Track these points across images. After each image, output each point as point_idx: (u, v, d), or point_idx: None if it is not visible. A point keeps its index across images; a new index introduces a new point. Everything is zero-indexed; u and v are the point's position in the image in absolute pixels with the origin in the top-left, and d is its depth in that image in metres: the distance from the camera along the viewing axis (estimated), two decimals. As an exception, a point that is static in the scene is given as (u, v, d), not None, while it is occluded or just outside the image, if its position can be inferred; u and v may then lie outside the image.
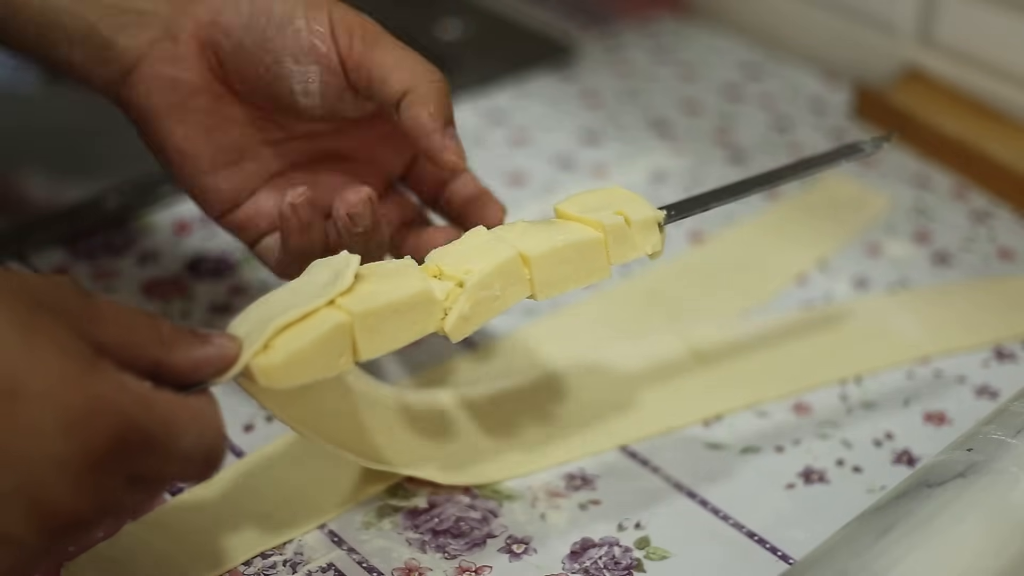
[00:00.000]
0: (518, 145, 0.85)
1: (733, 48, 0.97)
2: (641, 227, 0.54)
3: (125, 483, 0.43)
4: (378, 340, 0.49)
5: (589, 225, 0.53)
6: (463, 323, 0.50)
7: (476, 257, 0.51)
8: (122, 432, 0.42)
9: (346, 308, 0.48)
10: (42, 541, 0.42)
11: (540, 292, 0.52)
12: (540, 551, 0.55)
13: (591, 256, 0.53)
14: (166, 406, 0.43)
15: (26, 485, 0.40)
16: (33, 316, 0.41)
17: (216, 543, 0.55)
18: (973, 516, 0.49)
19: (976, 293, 0.72)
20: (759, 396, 0.64)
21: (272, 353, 0.46)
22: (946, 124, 0.83)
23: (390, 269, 0.50)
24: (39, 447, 0.40)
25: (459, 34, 0.95)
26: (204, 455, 0.45)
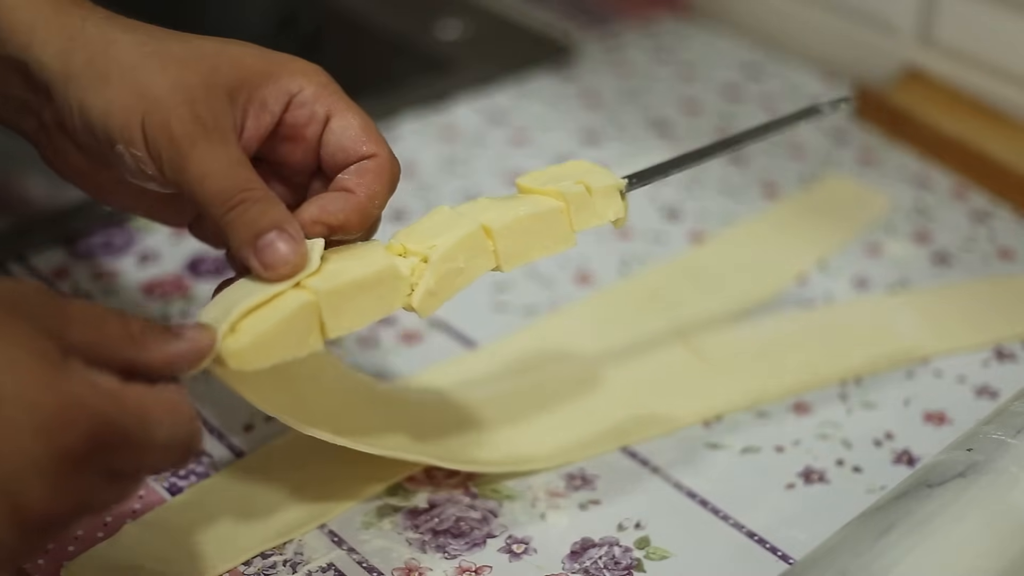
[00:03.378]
0: (518, 145, 0.85)
1: (733, 48, 0.97)
2: (602, 194, 0.54)
3: (103, 479, 0.43)
4: (345, 318, 0.49)
5: (550, 196, 0.54)
6: (430, 297, 0.51)
7: (439, 232, 0.51)
8: (96, 430, 0.42)
9: (311, 287, 0.48)
10: (20, 540, 0.42)
11: (505, 263, 0.52)
12: (540, 551, 0.55)
13: (554, 225, 0.53)
14: (138, 400, 0.43)
15: (2, 488, 0.40)
16: (1, 319, 0.41)
17: (216, 543, 0.55)
18: (973, 516, 0.49)
19: (976, 293, 0.72)
20: (759, 396, 0.64)
21: (239, 335, 0.47)
22: (946, 124, 0.83)
23: (355, 250, 0.51)
24: (13, 450, 0.40)
25: (459, 34, 0.95)
26: (181, 444, 0.45)
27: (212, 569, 0.53)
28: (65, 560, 0.53)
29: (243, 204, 0.49)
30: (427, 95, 0.88)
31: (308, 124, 0.53)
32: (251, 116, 0.52)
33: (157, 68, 0.51)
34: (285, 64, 0.53)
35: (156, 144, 0.49)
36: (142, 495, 0.57)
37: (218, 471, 0.58)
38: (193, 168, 0.49)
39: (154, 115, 0.49)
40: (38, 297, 0.43)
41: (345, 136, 0.53)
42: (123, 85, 0.50)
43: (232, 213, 0.49)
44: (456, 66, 0.92)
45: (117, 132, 0.50)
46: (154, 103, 0.50)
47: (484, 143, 0.85)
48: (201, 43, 0.52)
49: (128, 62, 0.50)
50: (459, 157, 0.83)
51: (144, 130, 0.49)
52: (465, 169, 0.82)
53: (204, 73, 0.51)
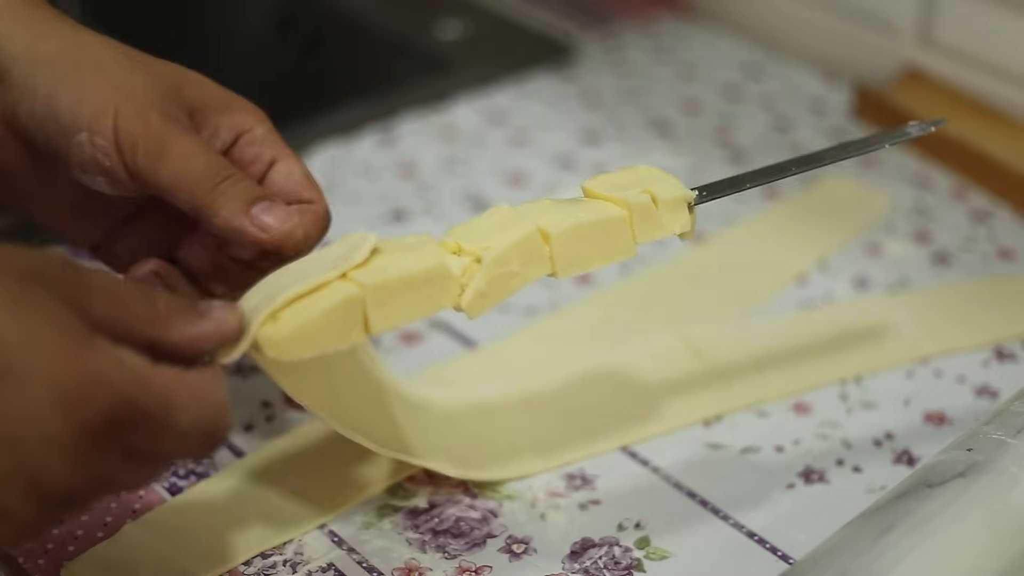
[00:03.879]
0: (518, 145, 0.85)
1: (733, 48, 0.97)
2: (669, 206, 0.53)
3: (122, 458, 0.43)
4: (390, 314, 0.48)
5: (614, 203, 0.52)
6: (480, 299, 0.50)
7: (496, 233, 0.50)
8: (117, 409, 0.41)
9: (357, 280, 0.47)
10: (38, 514, 0.41)
11: (561, 270, 0.51)
12: (540, 551, 0.55)
13: (614, 234, 0.52)
14: (164, 383, 0.43)
15: (22, 463, 0.40)
16: (24, 290, 0.41)
17: (216, 543, 0.55)
18: (973, 516, 0.49)
19: (976, 293, 0.72)
20: (759, 396, 0.64)
21: (280, 324, 0.46)
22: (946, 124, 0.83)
23: (409, 243, 0.50)
24: (33, 426, 0.40)
25: (459, 34, 0.95)
26: (205, 432, 0.44)
27: (212, 569, 0.54)
28: (65, 560, 0.53)
29: (231, 179, 0.50)
30: (427, 95, 0.88)
31: (253, 163, 0.54)
32: (203, 138, 0.53)
33: (129, 68, 0.52)
34: (239, 101, 0.55)
35: (130, 132, 0.50)
36: (142, 495, 0.57)
37: (218, 471, 0.58)
38: (175, 153, 0.50)
39: (130, 105, 0.51)
40: (63, 269, 0.43)
41: (289, 180, 0.54)
42: (97, 76, 0.51)
43: (221, 187, 0.50)
44: (456, 66, 0.92)
45: (86, 120, 0.50)
46: (129, 95, 0.51)
47: (484, 143, 0.85)
48: (164, 62, 0.54)
49: (101, 57, 0.52)
50: (459, 157, 0.83)
51: (116, 120, 0.50)
52: (465, 169, 0.82)
53: (170, 84, 0.53)
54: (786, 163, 0.56)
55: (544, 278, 0.66)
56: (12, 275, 0.41)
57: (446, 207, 0.77)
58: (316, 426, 0.61)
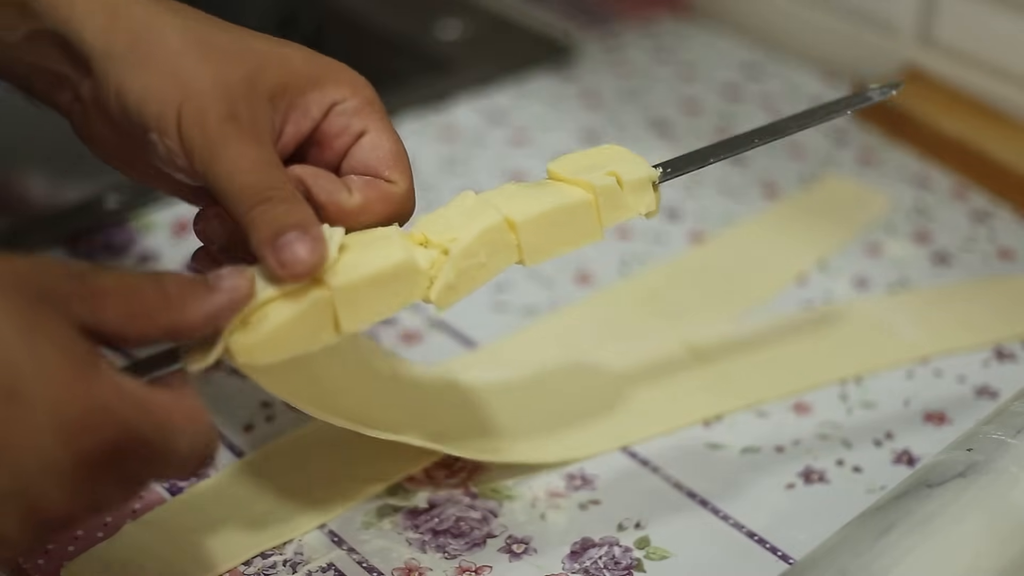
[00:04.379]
0: (518, 145, 0.85)
1: (733, 48, 0.97)
2: (634, 187, 0.52)
3: (117, 482, 0.43)
4: (361, 312, 0.48)
5: (579, 187, 0.52)
6: (449, 292, 0.49)
7: (462, 223, 0.50)
8: (119, 439, 0.41)
9: (326, 282, 0.47)
10: (31, 537, 0.41)
11: (529, 258, 0.51)
12: (540, 551, 0.55)
13: (581, 219, 0.51)
14: (163, 410, 0.43)
15: (20, 488, 0.40)
16: (35, 311, 0.41)
17: (216, 543, 0.55)
18: (973, 516, 0.49)
19: (976, 293, 0.72)
20: (760, 397, 0.64)
21: (251, 331, 0.46)
22: (946, 124, 0.83)
23: (374, 237, 0.49)
24: (35, 452, 0.40)
25: (459, 34, 0.95)
26: (199, 455, 0.45)
27: (212, 569, 0.54)
28: (65, 560, 0.53)
29: (268, 202, 0.48)
30: (427, 95, 0.88)
31: (340, 135, 0.52)
32: (291, 121, 0.51)
33: (200, 57, 0.49)
34: (333, 72, 0.52)
35: (189, 136, 0.48)
36: (142, 495, 0.57)
37: (218, 471, 0.58)
38: (222, 164, 0.48)
39: (191, 106, 0.49)
40: (66, 280, 0.42)
41: (373, 155, 0.52)
42: (163, 71, 0.49)
43: (256, 210, 0.48)
44: (456, 66, 0.92)
45: (152, 120, 0.49)
46: (193, 94, 0.49)
47: (484, 143, 0.85)
48: (250, 39, 0.51)
49: (171, 47, 0.49)
50: (459, 157, 0.83)
51: (179, 121, 0.49)
52: (465, 169, 0.82)
53: (248, 71, 0.50)
54: (749, 134, 0.55)
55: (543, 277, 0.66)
56: (24, 295, 0.41)
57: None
58: (316, 426, 0.61)
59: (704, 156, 0.55)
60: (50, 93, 0.53)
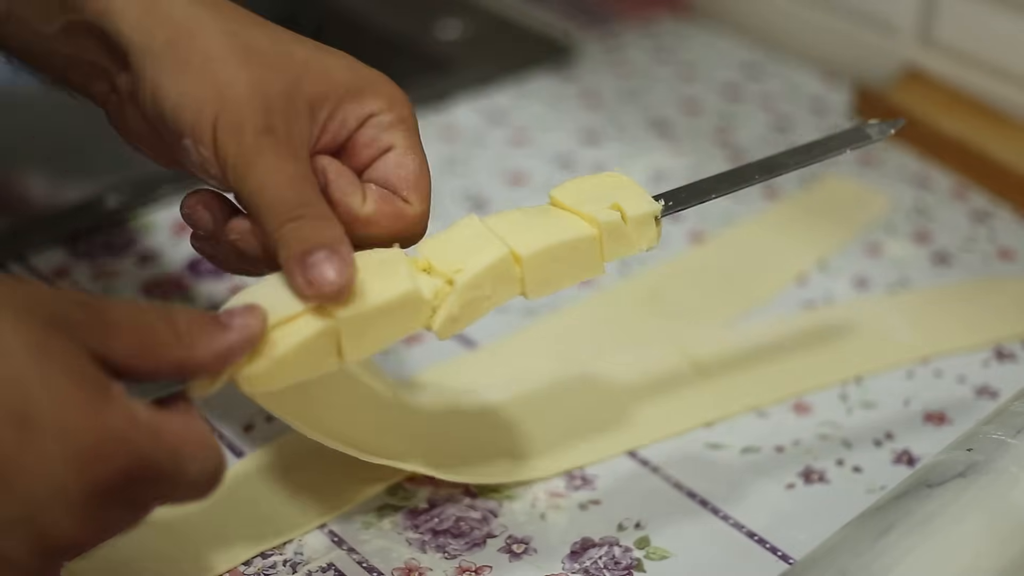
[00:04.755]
0: (518, 145, 0.85)
1: (733, 48, 0.97)
2: (637, 223, 0.52)
3: (125, 508, 0.43)
4: (365, 342, 0.48)
5: (584, 219, 0.52)
6: (451, 323, 0.50)
7: (467, 252, 0.50)
8: (131, 467, 0.41)
9: (332, 312, 0.47)
10: (39, 564, 0.41)
11: (531, 291, 0.51)
12: (540, 551, 0.55)
13: (584, 254, 0.51)
14: (175, 437, 0.43)
15: (29, 515, 0.40)
16: (48, 337, 0.40)
17: (216, 543, 0.55)
18: (973, 516, 0.49)
19: (976, 293, 0.72)
20: (760, 399, 0.63)
21: (256, 359, 0.46)
22: (946, 124, 0.83)
23: (380, 261, 0.49)
24: (46, 480, 0.40)
25: (459, 34, 0.95)
26: (208, 479, 0.44)
27: (212, 569, 0.54)
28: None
29: (300, 220, 0.47)
30: (427, 95, 0.88)
31: (369, 146, 0.52)
32: (329, 132, 0.51)
33: (240, 64, 0.49)
34: (373, 84, 0.52)
35: (224, 146, 0.48)
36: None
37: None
38: (255, 178, 0.48)
39: (228, 117, 0.48)
40: (78, 309, 0.42)
41: (395, 173, 0.52)
42: (201, 77, 0.48)
43: (286, 227, 0.47)
44: (456, 66, 0.92)
45: (188, 126, 0.48)
46: (230, 103, 0.48)
47: (484, 143, 0.85)
48: (292, 44, 0.51)
49: (211, 52, 0.48)
50: (459, 157, 0.83)
51: (215, 131, 0.48)
52: (465, 169, 0.82)
53: (288, 79, 0.49)
54: (748, 168, 0.55)
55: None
56: (37, 320, 0.40)
57: (446, 207, 0.77)
58: (316, 426, 0.61)
59: (706, 191, 0.54)
60: (86, 84, 0.53)
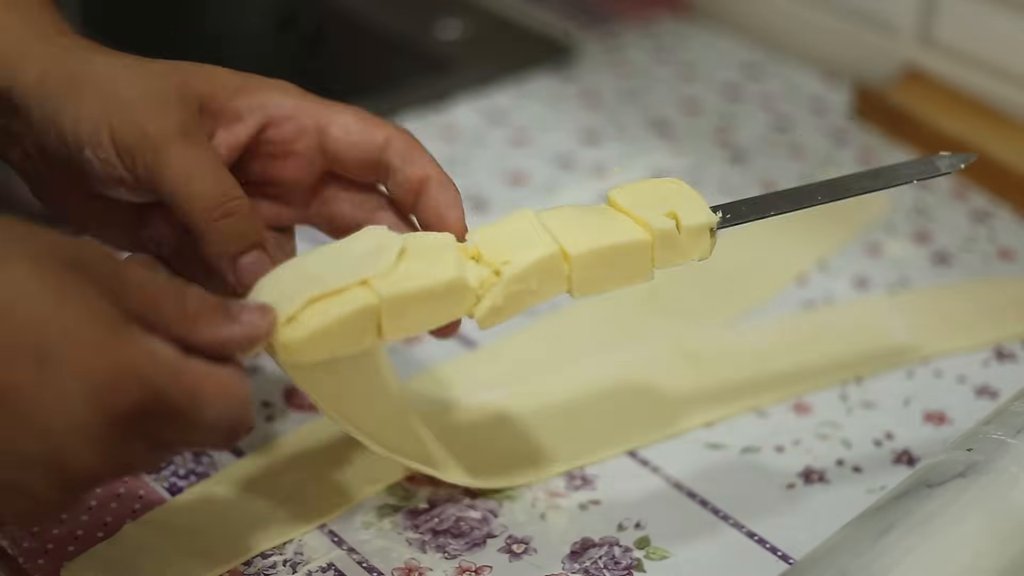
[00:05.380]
0: (518, 145, 0.85)
1: (733, 48, 0.97)
2: (692, 233, 0.52)
3: (146, 446, 0.44)
4: (405, 323, 0.48)
5: (638, 224, 0.51)
6: (494, 313, 0.50)
7: (517, 245, 0.50)
8: (147, 402, 0.42)
9: (376, 290, 0.47)
10: (59, 496, 0.42)
11: (578, 290, 0.51)
12: (540, 551, 0.55)
13: (634, 259, 0.51)
14: (193, 377, 0.43)
15: (49, 449, 0.41)
16: (64, 277, 0.41)
17: (216, 543, 0.55)
18: (973, 516, 0.49)
19: (975, 293, 0.72)
20: (760, 401, 0.63)
21: (296, 327, 0.46)
22: (946, 124, 0.83)
23: (431, 245, 0.49)
24: (64, 414, 0.41)
25: (459, 34, 0.95)
26: (228, 426, 0.45)
27: (212, 569, 0.53)
28: (65, 560, 0.53)
29: (232, 217, 0.50)
30: (427, 95, 0.88)
31: (298, 138, 0.53)
32: (222, 127, 0.52)
33: (130, 78, 0.51)
34: (259, 81, 0.54)
35: (126, 144, 0.50)
36: (142, 495, 0.57)
37: (218, 471, 0.58)
38: (173, 168, 0.50)
39: (122, 117, 0.50)
40: (101, 260, 0.43)
41: (351, 135, 0.53)
42: (94, 94, 0.51)
43: (220, 223, 0.50)
44: (456, 66, 0.92)
45: (85, 137, 0.50)
46: (123, 106, 0.50)
47: (484, 143, 0.85)
48: (177, 62, 0.53)
49: (102, 74, 0.51)
50: (459, 157, 0.83)
51: (112, 133, 0.50)
52: (465, 169, 0.82)
53: (176, 83, 0.52)
54: (812, 189, 0.56)
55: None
56: (56, 263, 0.42)
57: (446, 207, 0.77)
58: (316, 426, 0.61)
59: (766, 207, 0.54)
60: (4, 151, 0.55)
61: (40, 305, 0.41)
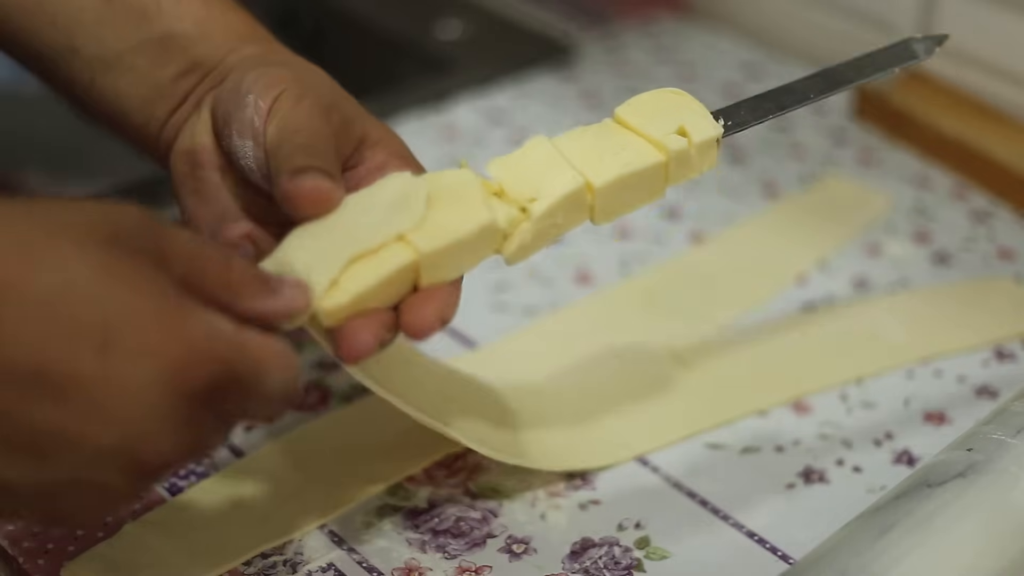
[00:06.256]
0: (518, 145, 0.84)
1: (733, 48, 0.97)
2: (701, 148, 0.52)
3: (214, 423, 0.43)
4: (440, 273, 0.49)
5: (652, 144, 0.52)
6: (522, 250, 0.50)
7: (540, 178, 0.50)
8: (217, 376, 0.41)
9: (414, 245, 0.47)
10: (133, 486, 0.42)
11: (599, 218, 0.51)
12: (540, 551, 0.55)
13: (651, 181, 0.52)
14: (256, 348, 0.43)
15: (123, 439, 0.40)
16: (111, 254, 0.40)
17: (216, 543, 0.55)
18: (973, 516, 0.49)
19: (975, 293, 0.72)
20: (759, 402, 0.63)
21: (339, 293, 0.46)
22: (946, 124, 0.83)
23: (453, 187, 0.49)
24: (137, 399, 0.40)
25: (459, 34, 0.95)
26: (285, 395, 0.45)
27: (212, 569, 0.54)
28: (65, 560, 0.53)
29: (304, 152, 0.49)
30: (427, 95, 0.88)
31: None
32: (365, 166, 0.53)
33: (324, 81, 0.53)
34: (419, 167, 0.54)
35: (281, 103, 0.50)
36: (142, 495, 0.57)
37: (218, 471, 0.58)
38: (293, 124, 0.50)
39: (295, 89, 0.51)
40: (143, 229, 0.42)
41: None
42: (290, 71, 0.52)
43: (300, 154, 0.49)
44: (456, 66, 0.92)
45: (258, 88, 0.51)
46: (302, 85, 0.51)
47: (484, 143, 0.85)
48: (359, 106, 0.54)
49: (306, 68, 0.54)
50: (459, 157, 0.83)
51: (280, 94, 0.51)
52: (465, 169, 0.82)
53: (359, 113, 0.53)
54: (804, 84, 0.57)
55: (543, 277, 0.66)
56: (96, 241, 0.41)
57: (446, 207, 0.77)
58: (316, 426, 0.61)
59: (765, 109, 0.55)
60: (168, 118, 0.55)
61: (93, 288, 0.40)
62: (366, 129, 0.53)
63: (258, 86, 0.51)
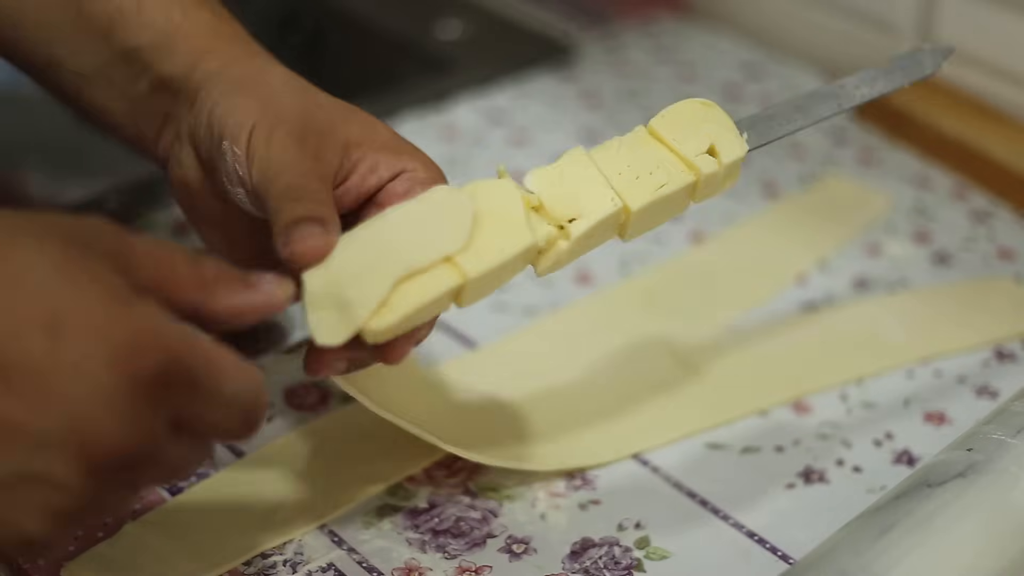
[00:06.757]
0: (518, 145, 0.85)
1: (733, 48, 0.97)
2: (729, 168, 0.54)
3: (168, 426, 0.42)
4: (480, 292, 0.49)
5: (683, 163, 0.53)
6: (555, 267, 0.51)
7: (578, 197, 0.51)
8: (166, 365, 0.41)
9: (461, 268, 0.48)
10: (88, 483, 0.41)
11: (628, 235, 0.53)
12: (540, 551, 0.55)
13: (679, 200, 0.53)
14: (209, 348, 0.43)
15: (73, 423, 0.40)
16: (69, 251, 0.41)
17: (216, 543, 0.55)
18: (973, 516, 0.49)
19: (975, 293, 0.72)
20: (760, 402, 0.63)
21: (387, 314, 0.46)
22: (946, 124, 0.83)
23: (496, 202, 0.50)
24: (85, 383, 0.40)
25: (459, 34, 0.95)
26: (245, 406, 0.44)
27: (212, 569, 0.54)
28: (65, 560, 0.53)
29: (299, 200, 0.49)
30: (427, 95, 0.88)
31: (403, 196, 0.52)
32: (358, 172, 0.53)
33: (293, 97, 0.53)
34: (413, 150, 0.54)
35: (255, 145, 0.51)
36: (142, 495, 0.57)
37: (218, 471, 0.58)
38: (275, 168, 0.50)
39: (266, 123, 0.51)
40: (107, 234, 0.43)
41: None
42: (256, 97, 0.52)
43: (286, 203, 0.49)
44: (456, 66, 0.92)
45: (229, 130, 0.51)
46: (271, 115, 0.52)
47: (484, 143, 0.85)
48: (345, 103, 0.54)
49: (272, 85, 0.53)
50: (459, 157, 0.83)
51: (251, 132, 0.51)
52: (465, 169, 0.82)
53: (334, 119, 0.53)
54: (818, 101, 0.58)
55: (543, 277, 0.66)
56: (60, 239, 0.41)
57: (446, 207, 0.77)
58: (316, 426, 0.61)
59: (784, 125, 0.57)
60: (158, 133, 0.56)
61: (47, 277, 0.40)
62: (346, 134, 0.53)
63: (229, 127, 0.52)
